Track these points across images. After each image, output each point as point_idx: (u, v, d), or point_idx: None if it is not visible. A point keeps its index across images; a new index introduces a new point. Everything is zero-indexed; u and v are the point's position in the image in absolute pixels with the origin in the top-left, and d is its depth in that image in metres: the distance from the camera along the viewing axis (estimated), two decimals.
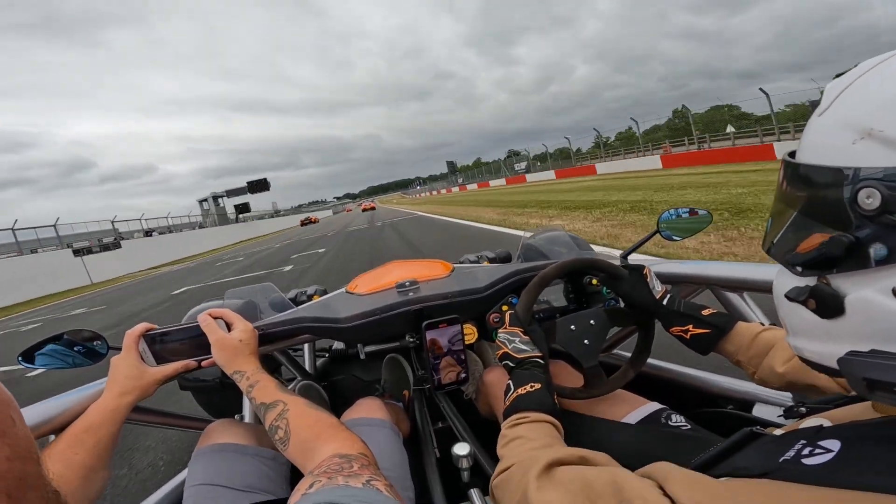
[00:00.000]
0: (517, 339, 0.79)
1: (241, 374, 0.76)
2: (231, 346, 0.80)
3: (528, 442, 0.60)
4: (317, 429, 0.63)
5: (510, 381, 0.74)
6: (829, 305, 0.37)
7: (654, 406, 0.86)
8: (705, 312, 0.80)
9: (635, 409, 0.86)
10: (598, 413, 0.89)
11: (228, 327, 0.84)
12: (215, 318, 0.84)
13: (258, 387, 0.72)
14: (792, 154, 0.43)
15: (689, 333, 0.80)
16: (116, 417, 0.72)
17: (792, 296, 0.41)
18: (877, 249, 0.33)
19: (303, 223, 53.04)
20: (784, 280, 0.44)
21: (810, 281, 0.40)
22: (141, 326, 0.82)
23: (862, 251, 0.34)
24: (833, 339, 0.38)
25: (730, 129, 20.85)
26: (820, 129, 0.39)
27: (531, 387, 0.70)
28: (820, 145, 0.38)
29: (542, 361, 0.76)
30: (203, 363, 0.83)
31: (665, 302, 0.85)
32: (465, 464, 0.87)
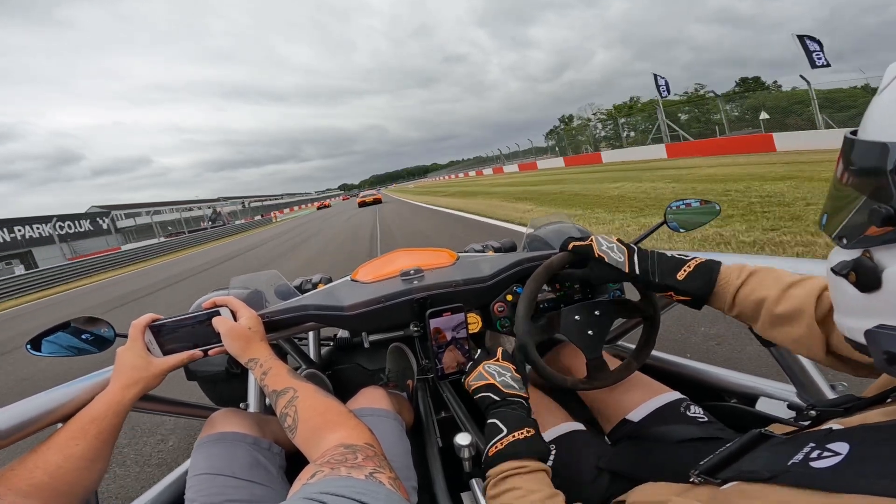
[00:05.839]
0: (508, 375, 0.76)
1: (255, 362, 0.76)
2: (242, 334, 0.80)
3: (529, 493, 0.58)
4: (325, 416, 0.63)
5: (496, 421, 0.69)
6: (867, 278, 0.37)
7: (675, 395, 0.86)
8: (682, 275, 0.74)
9: (655, 397, 0.86)
10: (617, 397, 0.89)
11: (234, 315, 0.84)
12: (220, 306, 0.84)
13: (271, 374, 0.72)
14: (854, 132, 0.43)
15: (674, 298, 0.77)
16: (120, 409, 0.72)
17: (836, 269, 0.41)
18: None
19: None
20: (834, 254, 0.44)
21: (856, 254, 0.40)
22: (147, 317, 0.81)
23: None
24: (867, 313, 0.38)
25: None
26: (876, 107, 0.39)
27: (528, 432, 0.67)
28: (873, 122, 0.39)
29: (527, 405, 0.73)
30: (210, 352, 0.83)
31: (638, 270, 0.78)
32: (466, 454, 0.87)
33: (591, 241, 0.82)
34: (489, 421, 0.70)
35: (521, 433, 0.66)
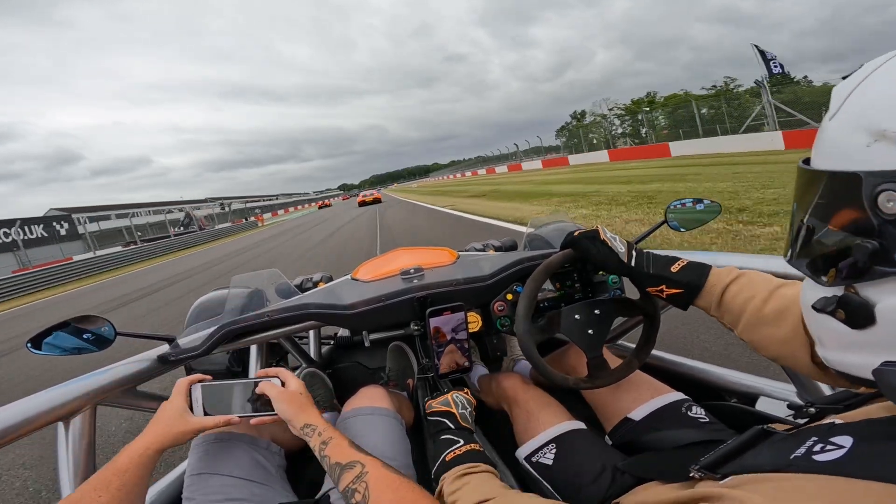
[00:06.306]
0: (469, 410, 0.84)
1: (312, 429, 0.74)
2: (295, 398, 0.78)
3: (483, 483, 0.65)
4: (399, 493, 0.62)
5: (451, 436, 0.77)
6: (858, 315, 0.36)
7: (677, 396, 0.86)
8: (675, 268, 0.76)
9: (657, 396, 0.86)
10: (619, 396, 0.89)
11: (282, 384, 0.82)
12: (271, 376, 0.83)
13: (332, 444, 0.70)
14: (806, 161, 0.41)
15: (665, 293, 0.78)
16: (144, 461, 0.69)
17: (819, 307, 0.40)
18: None
19: None
20: (809, 290, 0.43)
21: (837, 291, 0.39)
22: (195, 377, 0.82)
23: (888, 257, 0.33)
24: (866, 350, 0.37)
25: None
26: (832, 133, 0.38)
27: (479, 447, 0.75)
28: (834, 150, 0.37)
29: (473, 438, 0.80)
30: (254, 420, 0.80)
31: (633, 263, 0.80)
32: None
33: (598, 227, 0.86)
34: (442, 437, 0.78)
35: (475, 446, 0.74)
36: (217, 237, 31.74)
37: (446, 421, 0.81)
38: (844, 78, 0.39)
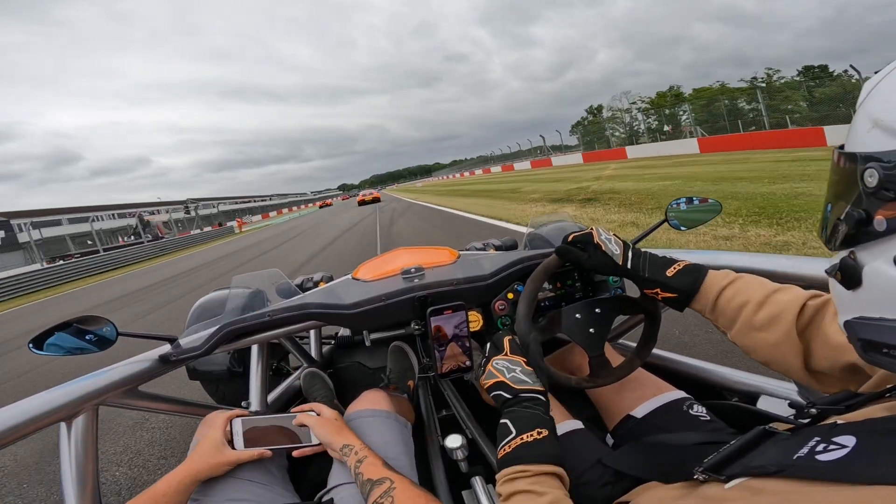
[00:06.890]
0: (518, 369, 0.71)
1: (349, 448, 0.79)
2: (330, 423, 0.85)
3: (536, 498, 0.55)
4: None
5: (507, 421, 0.64)
6: (850, 277, 0.41)
7: (678, 394, 0.86)
8: (671, 272, 0.76)
9: (659, 395, 0.86)
10: (622, 395, 0.90)
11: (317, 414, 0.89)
12: (306, 410, 0.89)
13: (366, 462, 0.75)
14: (841, 147, 0.46)
15: (660, 296, 0.78)
16: (180, 489, 0.74)
17: (828, 271, 0.45)
18: (879, 221, 0.38)
19: None
20: (832, 260, 0.47)
21: (843, 255, 0.43)
22: (234, 412, 0.87)
23: (871, 223, 0.38)
24: (853, 310, 0.42)
25: None
26: (854, 120, 0.43)
27: (539, 433, 0.61)
28: (851, 134, 0.43)
29: (543, 398, 0.67)
30: (295, 453, 0.85)
31: (629, 265, 0.80)
32: (459, 455, 0.88)
33: (592, 229, 0.85)
34: (501, 421, 0.66)
35: (531, 435, 0.61)
36: (165, 251, 23.80)
37: (502, 393, 0.69)
38: (877, 73, 0.44)
